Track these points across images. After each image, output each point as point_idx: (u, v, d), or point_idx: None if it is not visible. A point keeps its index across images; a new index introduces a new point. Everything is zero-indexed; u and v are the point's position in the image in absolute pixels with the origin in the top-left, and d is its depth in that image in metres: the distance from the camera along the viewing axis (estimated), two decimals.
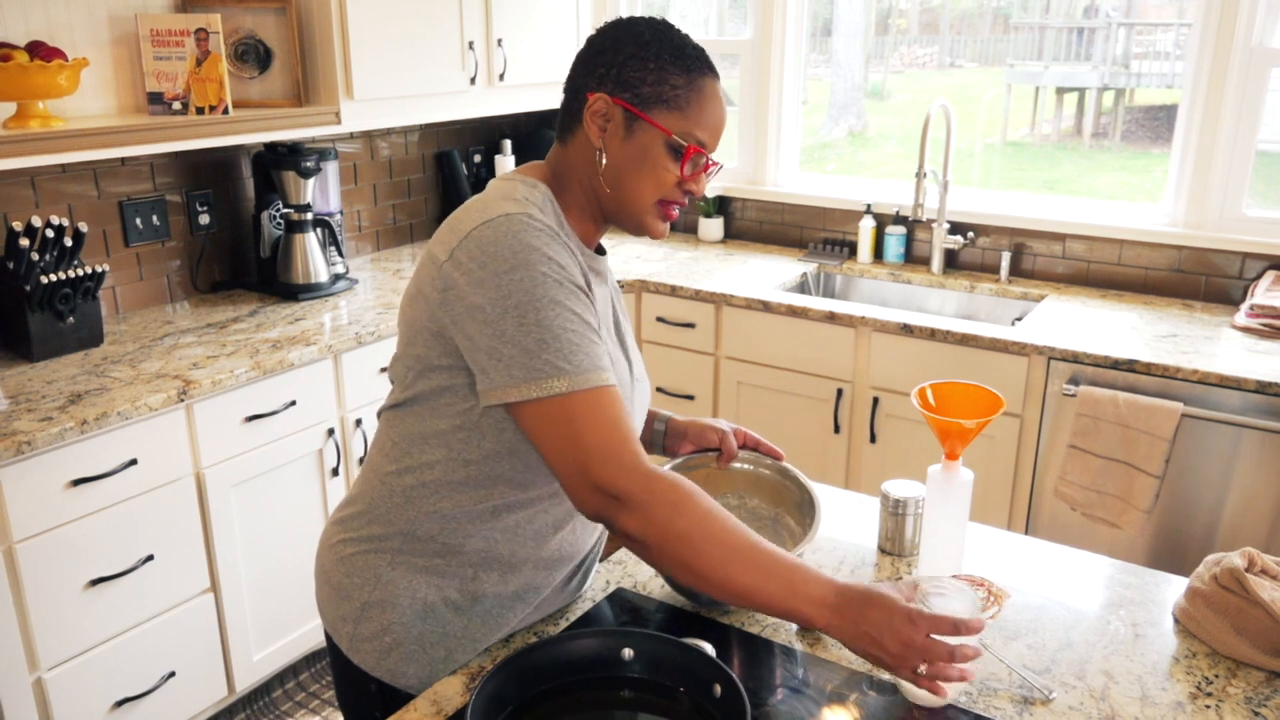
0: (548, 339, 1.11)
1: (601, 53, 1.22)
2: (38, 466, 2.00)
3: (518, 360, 1.11)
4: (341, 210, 3.14)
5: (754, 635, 1.34)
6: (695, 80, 1.21)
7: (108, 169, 2.64)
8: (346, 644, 1.32)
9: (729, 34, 3.83)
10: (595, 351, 1.13)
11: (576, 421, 1.10)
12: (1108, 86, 9.24)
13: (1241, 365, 2.39)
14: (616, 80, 1.20)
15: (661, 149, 1.20)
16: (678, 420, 1.48)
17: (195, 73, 2.53)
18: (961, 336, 2.67)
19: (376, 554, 1.29)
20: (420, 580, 1.28)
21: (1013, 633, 1.36)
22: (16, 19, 2.37)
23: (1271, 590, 1.32)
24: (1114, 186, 6.26)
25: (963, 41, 9.61)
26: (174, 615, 2.31)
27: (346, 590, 1.32)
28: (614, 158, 1.22)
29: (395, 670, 1.29)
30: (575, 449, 1.10)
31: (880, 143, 8.14)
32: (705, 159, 1.23)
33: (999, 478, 2.70)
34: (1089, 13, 9.27)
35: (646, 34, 1.22)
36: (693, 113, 1.20)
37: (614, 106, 1.20)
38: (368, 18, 2.80)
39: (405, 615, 1.28)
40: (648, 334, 3.24)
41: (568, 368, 1.10)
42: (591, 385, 1.11)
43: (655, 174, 1.21)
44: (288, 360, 2.43)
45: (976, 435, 1.38)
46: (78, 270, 2.35)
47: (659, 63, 1.19)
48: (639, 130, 1.20)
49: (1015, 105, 9.67)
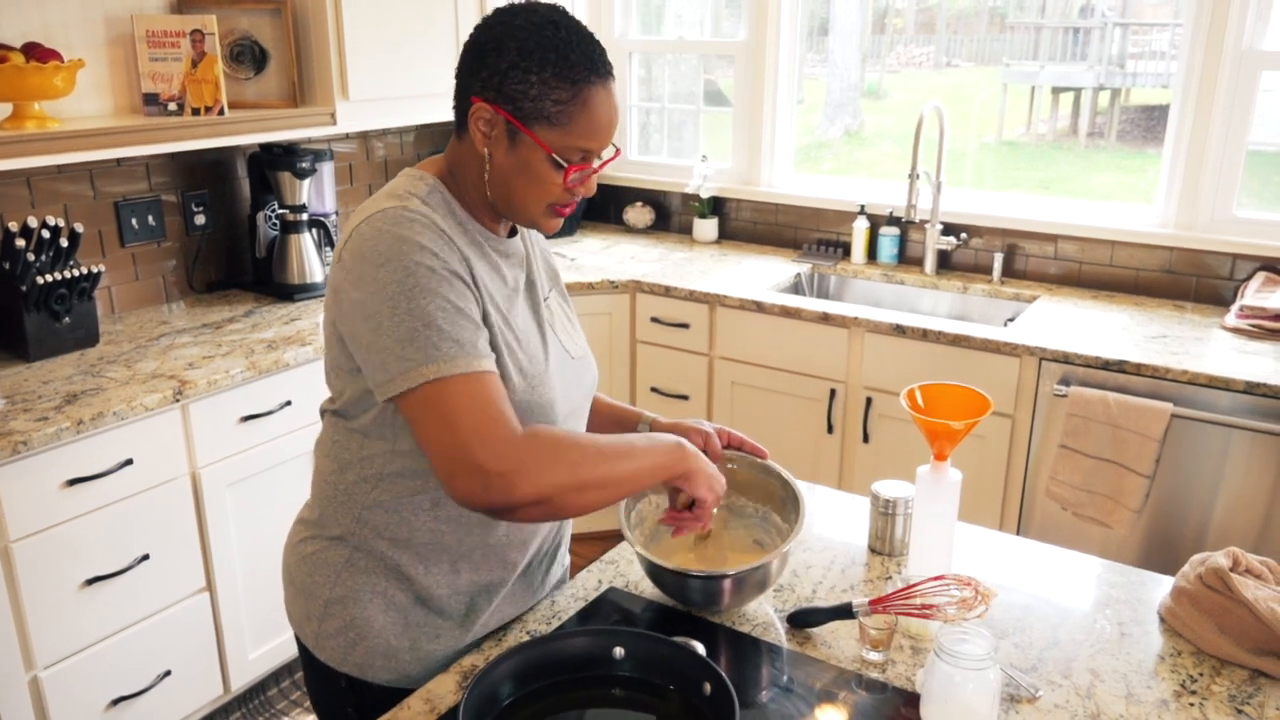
0: (418, 328, 1.12)
1: (486, 54, 1.19)
2: (33, 466, 2.01)
3: (393, 351, 1.12)
4: (337, 210, 3.15)
5: (743, 634, 1.36)
6: (580, 92, 1.18)
7: (103, 169, 2.65)
8: (312, 642, 1.34)
9: (725, 32, 3.85)
10: (468, 338, 1.14)
11: (450, 406, 1.10)
12: (1103, 86, 9.26)
13: (1231, 366, 2.41)
14: (499, 90, 1.18)
15: (544, 162, 1.20)
16: (661, 422, 1.49)
17: (191, 74, 2.54)
18: (954, 337, 2.69)
19: (333, 551, 1.32)
20: (377, 575, 1.30)
21: (1000, 631, 1.37)
22: (12, 20, 2.37)
23: (1255, 589, 1.34)
24: (1109, 186, 6.28)
25: (959, 41, 9.63)
26: (170, 614, 2.32)
27: (309, 589, 1.34)
28: (498, 165, 1.22)
29: (362, 664, 1.31)
30: (453, 433, 1.10)
31: (876, 142, 8.16)
32: (590, 169, 1.23)
33: (991, 478, 2.72)
34: (1085, 13, 9.29)
35: (530, 37, 1.17)
36: (577, 127, 1.19)
37: (497, 116, 1.19)
38: (363, 19, 2.81)
39: (366, 610, 1.30)
40: (642, 334, 3.25)
41: (437, 354, 1.11)
42: (462, 371, 1.11)
43: (539, 185, 1.22)
44: (283, 360, 2.44)
45: (965, 436, 1.40)
46: (74, 271, 2.36)
47: (541, 75, 1.16)
48: (521, 143, 1.19)
49: (1011, 105, 9.69)
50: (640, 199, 3.90)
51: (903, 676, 1.27)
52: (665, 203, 3.89)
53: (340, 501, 1.31)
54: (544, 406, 1.27)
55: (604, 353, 3.25)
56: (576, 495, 1.13)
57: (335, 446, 1.31)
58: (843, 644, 1.34)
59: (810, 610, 1.37)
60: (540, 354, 1.30)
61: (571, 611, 1.41)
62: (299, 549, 1.37)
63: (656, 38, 3.91)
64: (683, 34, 3.88)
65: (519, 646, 1.19)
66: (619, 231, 3.90)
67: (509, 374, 1.23)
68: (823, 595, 1.46)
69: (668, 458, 1.23)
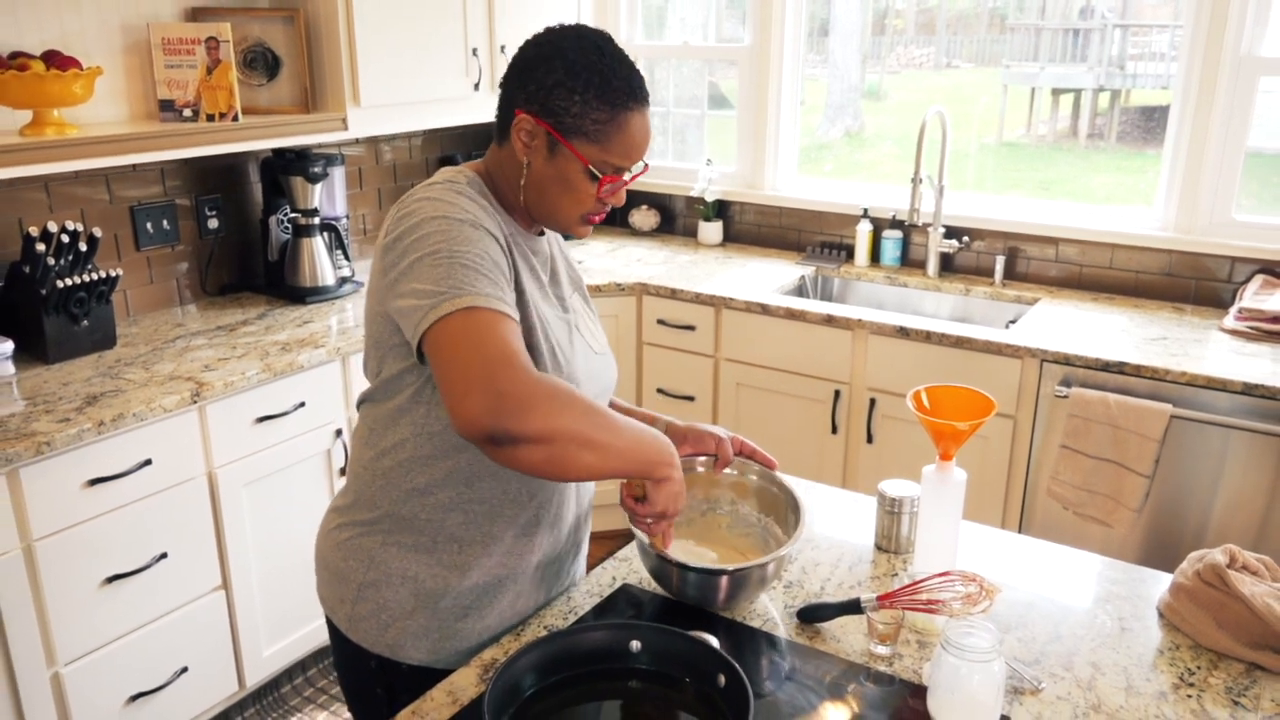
0: (456, 268, 1.16)
1: (534, 70, 1.27)
2: (56, 467, 2.05)
3: (430, 291, 1.16)
4: (348, 214, 3.19)
5: (754, 629, 1.40)
6: (618, 115, 1.26)
7: (119, 174, 2.69)
8: (345, 624, 1.40)
9: (727, 33, 3.88)
10: (500, 288, 1.19)
11: (480, 335, 1.13)
12: (1103, 87, 9.29)
13: (1229, 367, 2.45)
14: (543, 104, 1.25)
15: (580, 174, 1.28)
16: (678, 425, 1.54)
17: (206, 80, 2.58)
18: (956, 339, 2.73)
19: (368, 537, 1.37)
20: (410, 559, 1.35)
21: (1004, 626, 1.41)
22: (32, 28, 2.42)
23: (1252, 585, 1.38)
24: (1110, 187, 6.31)
25: (959, 42, 9.67)
26: (187, 612, 2.37)
27: (343, 573, 1.39)
28: (536, 173, 1.29)
29: (394, 645, 1.37)
30: (481, 354, 1.11)
31: (877, 143, 8.19)
32: (622, 181, 1.31)
33: (993, 478, 2.76)
34: (1084, 14, 9.32)
35: (577, 60, 1.25)
36: (613, 145, 1.27)
37: (539, 128, 1.26)
38: (374, 26, 2.85)
39: (399, 593, 1.35)
40: (648, 336, 3.29)
41: (474, 290, 1.15)
42: (495, 308, 1.15)
43: (573, 194, 1.30)
44: (297, 362, 2.48)
45: (969, 437, 1.44)
46: (92, 274, 2.40)
47: (584, 95, 1.24)
48: (560, 154, 1.27)
49: (1011, 106, 9.72)
50: (646, 202, 3.95)
51: (909, 670, 1.32)
52: (670, 206, 3.93)
53: (378, 486, 1.36)
54: (572, 386, 1.32)
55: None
56: (576, 449, 1.13)
57: (371, 434, 1.37)
58: (851, 638, 1.38)
59: (819, 606, 1.41)
60: (568, 340, 1.37)
61: (587, 607, 1.45)
62: (333, 535, 1.42)
63: (661, 43, 3.95)
64: (686, 37, 3.92)
65: (540, 640, 1.23)
66: (625, 234, 3.94)
67: (540, 349, 1.30)
68: (831, 591, 1.50)
69: (659, 454, 1.25)
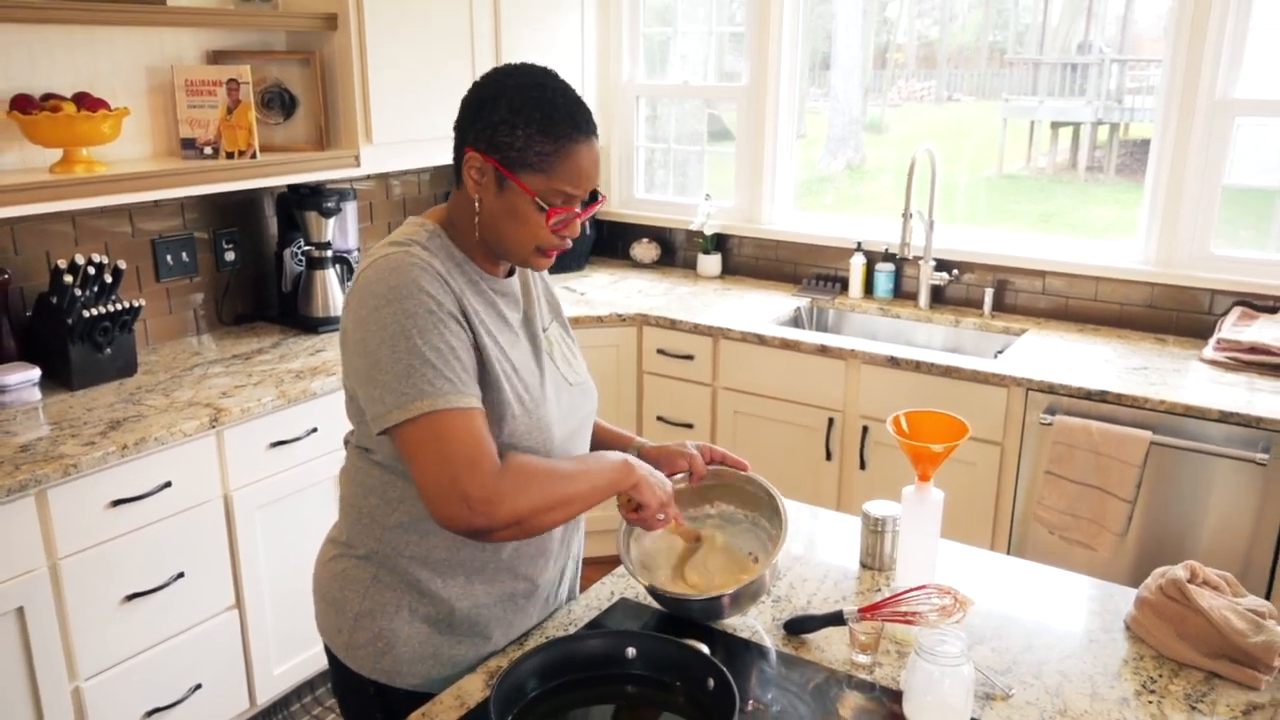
0: (415, 365, 1.25)
1: (480, 109, 1.33)
2: (82, 488, 2.15)
3: (391, 386, 1.25)
4: (359, 247, 3.31)
5: (744, 639, 1.49)
6: (562, 146, 1.31)
7: (141, 208, 2.81)
8: (343, 652, 1.47)
9: (728, 67, 4.02)
10: (460, 377, 1.28)
11: (443, 439, 1.24)
12: (1101, 121, 9.43)
13: (1206, 396, 2.54)
14: (489, 141, 1.31)
15: (529, 206, 1.33)
16: (649, 447, 1.62)
17: (226, 120, 2.71)
18: (945, 369, 2.83)
19: (361, 568, 1.45)
20: (401, 590, 1.43)
21: (979, 637, 1.50)
22: (65, 69, 2.54)
23: (1211, 599, 1.47)
24: (1109, 219, 6.37)
25: (960, 76, 9.83)
26: (202, 630, 2.45)
27: (339, 603, 1.47)
28: (488, 208, 1.35)
29: (390, 671, 1.44)
30: (445, 463, 1.23)
31: (878, 175, 8.31)
32: (573, 213, 1.37)
33: (982, 503, 2.85)
34: (1083, 49, 9.50)
35: (518, 95, 1.31)
36: (558, 175, 1.32)
37: (486, 164, 1.32)
38: (386, 68, 2.99)
39: (392, 621, 1.43)
40: (649, 365, 3.39)
41: (433, 390, 1.25)
42: (455, 406, 1.25)
43: (525, 226, 1.35)
44: (310, 390, 2.58)
45: (945, 458, 1.54)
46: (116, 305, 2.51)
47: (527, 129, 1.30)
48: (508, 188, 1.33)
49: (1011, 139, 9.85)
50: (647, 235, 4.07)
51: (889, 677, 1.40)
52: (670, 239, 4.05)
53: (365, 524, 1.44)
54: (542, 429, 1.40)
55: (612, 383, 3.39)
56: (543, 515, 1.29)
57: (358, 473, 1.45)
58: (835, 648, 1.47)
59: (805, 618, 1.50)
60: (537, 382, 1.43)
61: (586, 620, 1.54)
62: (330, 566, 1.50)
63: (662, 82, 4.08)
64: (688, 74, 4.06)
65: (542, 646, 1.32)
66: (626, 266, 4.06)
67: (508, 400, 1.36)
68: (817, 605, 1.59)
69: (617, 474, 1.39)
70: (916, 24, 9.39)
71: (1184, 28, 2.92)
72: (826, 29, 6.29)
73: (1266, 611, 1.46)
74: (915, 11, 9.19)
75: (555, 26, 3.62)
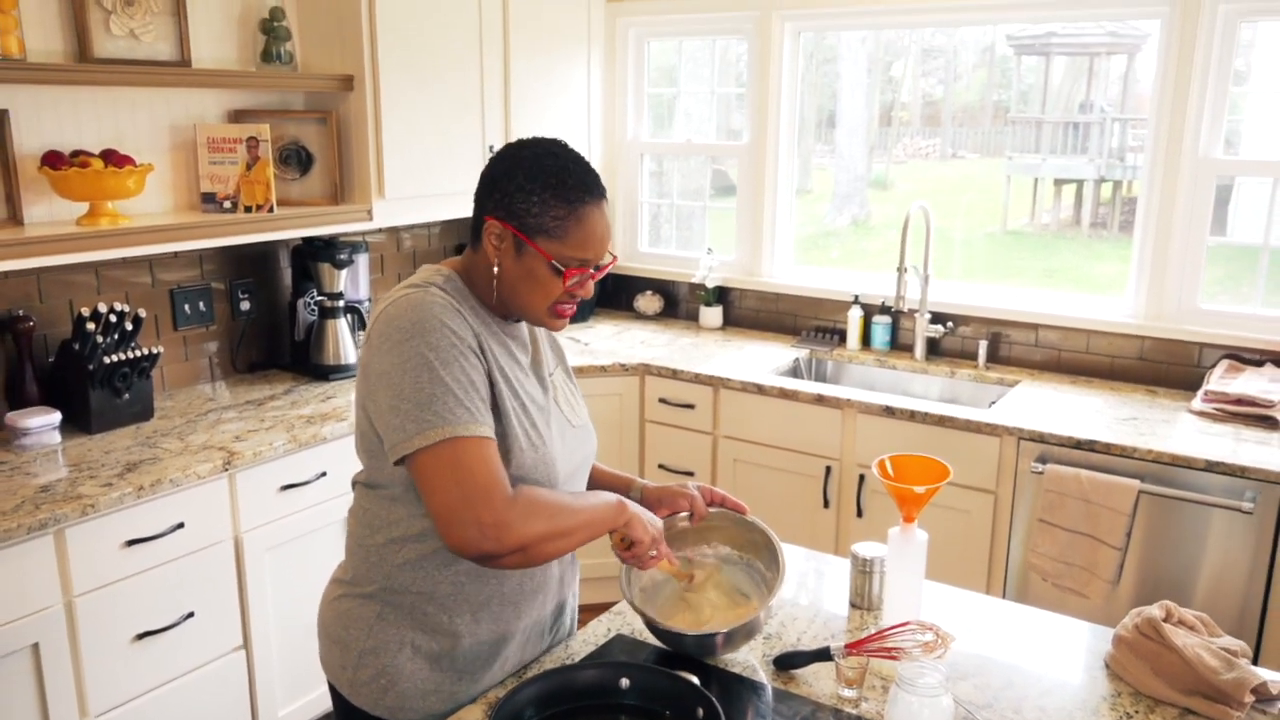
0: (438, 393, 1.33)
1: (497, 179, 1.43)
2: (98, 528, 2.22)
3: (412, 414, 1.33)
4: (370, 297, 3.41)
5: (734, 674, 1.55)
6: (575, 210, 1.41)
7: (162, 259, 2.92)
8: (347, 689, 1.53)
9: (736, 124, 4.14)
10: (477, 407, 1.36)
11: (460, 464, 1.32)
12: (1104, 178, 9.56)
13: (1193, 446, 2.60)
14: (507, 209, 1.41)
15: (546, 269, 1.42)
16: (651, 488, 1.70)
17: (245, 175, 2.82)
18: (939, 418, 2.90)
19: (366, 607, 1.51)
20: (405, 627, 1.48)
21: (962, 674, 1.55)
22: (92, 128, 2.67)
23: (1185, 637, 1.52)
24: (1113, 275, 6.44)
25: (964, 133, 10.00)
26: (210, 669, 2.50)
27: (343, 641, 1.53)
28: (507, 272, 1.45)
29: (393, 707, 1.49)
30: (461, 486, 1.31)
31: (883, 231, 8.43)
32: (588, 274, 1.46)
33: (976, 550, 2.90)
34: (1084, 108, 9.67)
35: (533, 165, 1.41)
36: (572, 239, 1.42)
37: (505, 230, 1.42)
38: (399, 126, 3.11)
39: (396, 659, 1.48)
40: (650, 414, 3.47)
41: (453, 418, 1.32)
42: (473, 434, 1.33)
43: (542, 288, 1.44)
44: (320, 435, 2.66)
45: (928, 500, 1.60)
46: (135, 352, 2.60)
47: (542, 195, 1.40)
48: (526, 253, 1.42)
49: (1015, 195, 9.98)
50: (650, 288, 4.17)
51: (874, 711, 1.46)
52: (673, 291, 4.15)
53: (372, 561, 1.50)
54: (547, 466, 1.48)
55: (615, 431, 3.47)
56: (548, 544, 1.36)
57: (366, 513, 1.52)
58: (822, 683, 1.52)
59: (793, 653, 1.56)
60: (544, 420, 1.51)
61: (583, 654, 1.60)
62: (335, 605, 1.56)
63: (666, 140, 4.22)
64: (693, 131, 4.19)
65: (540, 675, 1.38)
66: (630, 318, 4.15)
67: (516, 435, 1.44)
68: (806, 643, 1.64)
69: (611, 512, 1.47)
70: (921, 83, 9.58)
71: (1168, 89, 3.03)
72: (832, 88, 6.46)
73: (1239, 650, 1.51)
74: (920, 71, 9.38)
75: (563, 87, 3.76)
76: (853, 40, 6.27)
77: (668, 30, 4.03)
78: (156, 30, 2.73)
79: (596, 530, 1.44)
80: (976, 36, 7.63)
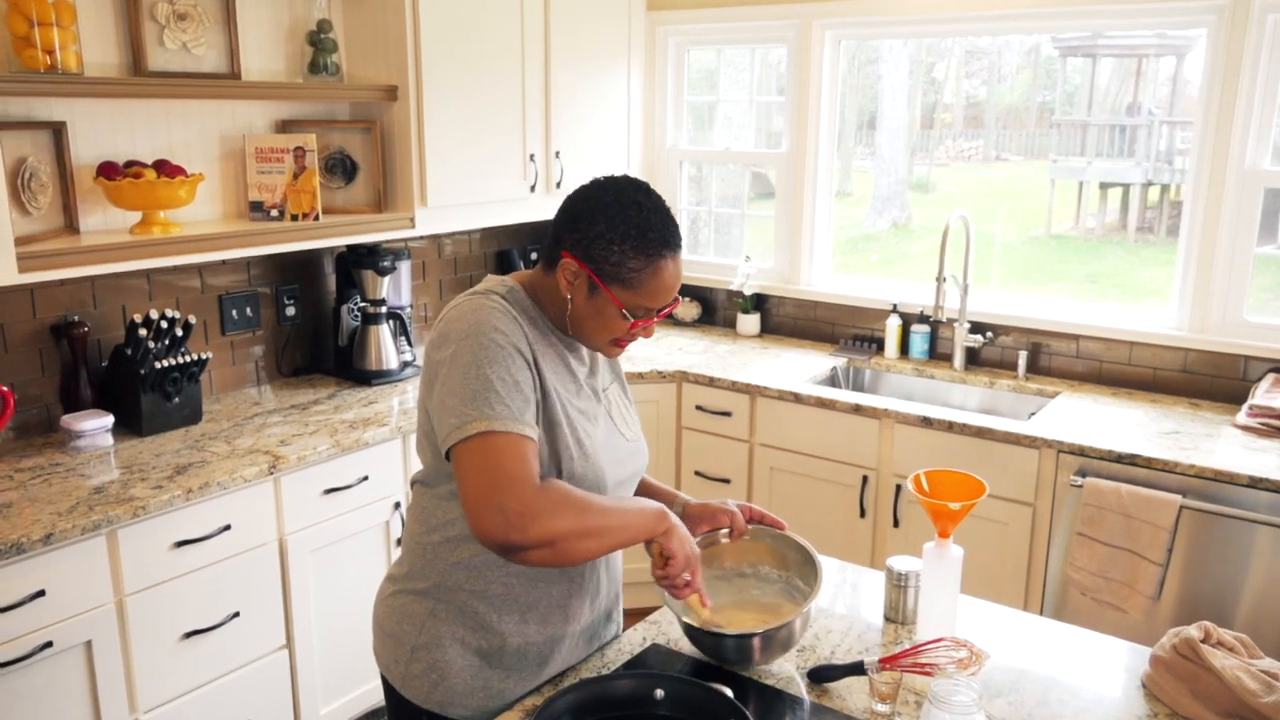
0: (480, 390, 1.37)
1: (580, 219, 1.46)
2: (149, 529, 2.28)
3: (458, 409, 1.37)
4: (411, 304, 3.47)
5: (768, 686, 1.56)
6: (652, 262, 1.45)
7: (211, 266, 2.99)
8: (399, 682, 1.57)
9: (776, 127, 4.15)
10: (518, 407, 1.39)
11: (490, 455, 1.35)
12: (1151, 182, 9.40)
13: (1237, 461, 2.57)
14: (586, 251, 1.45)
15: (615, 314, 1.48)
16: (693, 504, 1.73)
17: (292, 185, 2.88)
18: (977, 429, 2.88)
19: (420, 603, 1.56)
20: (456, 624, 1.53)
21: (996, 691, 1.56)
22: (145, 139, 2.74)
23: (1223, 659, 1.51)
24: (1159, 281, 6.35)
25: (1008, 136, 9.89)
26: (254, 668, 2.56)
27: (397, 636, 1.58)
28: (577, 308, 1.50)
29: (443, 702, 1.54)
30: (488, 474, 1.34)
31: (923, 235, 8.35)
32: (653, 320, 1.51)
33: (1014, 563, 2.88)
34: (1131, 111, 9.52)
35: (617, 214, 1.44)
36: (645, 290, 1.47)
37: (581, 271, 1.46)
38: (442, 135, 3.16)
39: (447, 654, 1.53)
40: (687, 421, 3.49)
41: (492, 414, 1.36)
42: (508, 430, 1.36)
43: (607, 328, 1.50)
44: (363, 439, 2.71)
45: (964, 516, 1.61)
46: (185, 356, 2.67)
47: (622, 246, 1.44)
48: (598, 295, 1.47)
49: (1060, 199, 9.85)
50: (688, 295, 4.18)
51: None
52: (711, 298, 4.16)
53: (428, 559, 1.55)
54: (595, 476, 1.51)
55: (651, 438, 3.49)
56: (576, 541, 1.37)
57: (423, 512, 1.56)
58: (855, 697, 1.53)
59: (827, 667, 1.57)
60: (597, 432, 1.55)
61: (619, 664, 1.62)
62: (389, 601, 1.61)
63: (705, 149, 4.23)
64: (732, 136, 4.21)
65: (575, 685, 1.41)
66: (667, 325, 4.17)
67: (567, 444, 1.48)
68: (840, 656, 1.66)
69: (652, 519, 1.47)
70: (964, 85, 9.48)
71: (1214, 99, 2.99)
72: (873, 90, 6.43)
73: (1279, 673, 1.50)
74: (963, 72, 9.29)
75: (603, 96, 3.79)
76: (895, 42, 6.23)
77: (708, 39, 4.05)
78: (208, 43, 2.80)
79: (633, 534, 1.45)
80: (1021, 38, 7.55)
